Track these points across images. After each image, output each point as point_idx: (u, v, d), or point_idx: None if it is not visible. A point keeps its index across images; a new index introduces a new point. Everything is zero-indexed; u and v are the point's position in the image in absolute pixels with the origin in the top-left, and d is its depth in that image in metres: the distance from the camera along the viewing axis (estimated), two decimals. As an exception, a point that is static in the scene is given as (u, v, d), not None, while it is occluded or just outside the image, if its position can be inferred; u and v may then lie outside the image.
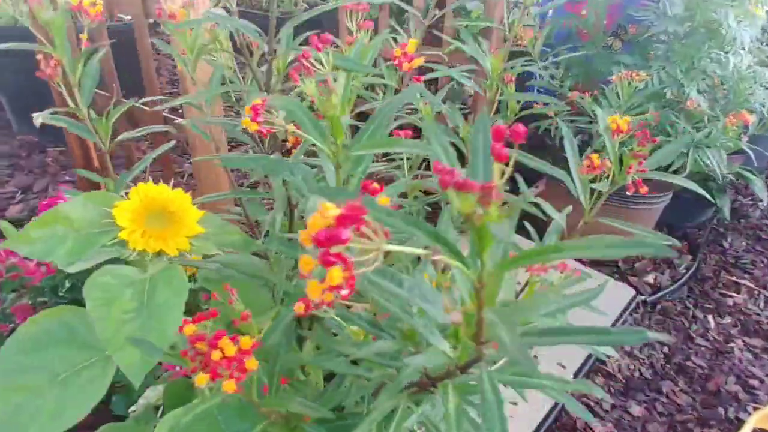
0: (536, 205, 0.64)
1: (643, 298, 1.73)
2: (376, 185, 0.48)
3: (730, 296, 1.83)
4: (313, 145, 0.51)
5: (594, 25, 1.73)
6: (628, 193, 0.64)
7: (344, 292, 0.23)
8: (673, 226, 2.13)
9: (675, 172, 1.69)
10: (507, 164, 0.27)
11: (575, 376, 1.41)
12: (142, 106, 1.03)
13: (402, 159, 0.78)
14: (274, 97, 0.51)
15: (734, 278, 1.91)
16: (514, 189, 1.01)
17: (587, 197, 0.70)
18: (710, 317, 1.73)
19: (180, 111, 1.54)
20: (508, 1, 2.15)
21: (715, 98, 1.74)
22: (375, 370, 0.49)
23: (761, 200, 1.88)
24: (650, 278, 1.83)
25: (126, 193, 0.61)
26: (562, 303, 0.62)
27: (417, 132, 0.86)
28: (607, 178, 0.66)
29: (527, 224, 0.72)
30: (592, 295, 0.64)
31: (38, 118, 0.69)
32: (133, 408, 0.88)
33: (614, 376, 1.48)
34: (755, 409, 1.42)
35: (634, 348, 1.58)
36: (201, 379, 0.35)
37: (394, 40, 0.94)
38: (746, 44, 1.51)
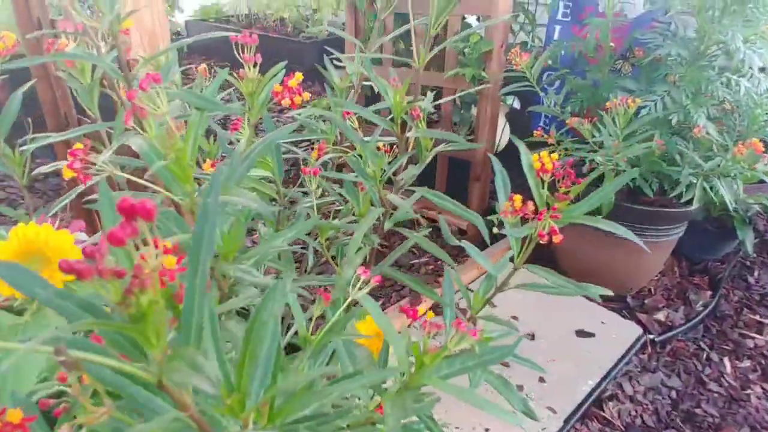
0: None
1: (651, 337, 1.62)
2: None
3: (751, 337, 1.69)
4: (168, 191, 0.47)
5: (598, 48, 1.66)
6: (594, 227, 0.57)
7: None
8: (693, 259, 2.00)
9: (688, 202, 1.58)
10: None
11: (566, 421, 1.32)
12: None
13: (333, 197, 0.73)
14: (131, 136, 0.47)
15: (758, 317, 1.77)
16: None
17: (518, 242, 0.63)
18: (726, 360, 1.60)
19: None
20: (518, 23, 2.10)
21: (733, 125, 1.63)
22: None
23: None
24: (661, 316, 1.71)
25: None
26: (468, 363, 0.56)
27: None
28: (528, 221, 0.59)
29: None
30: (504, 353, 0.58)
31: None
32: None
33: (612, 422, 1.38)
34: (768, 466, 1.30)
35: (638, 392, 1.47)
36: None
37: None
38: (756, 67, 1.40)
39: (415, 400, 0.63)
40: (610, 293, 0.63)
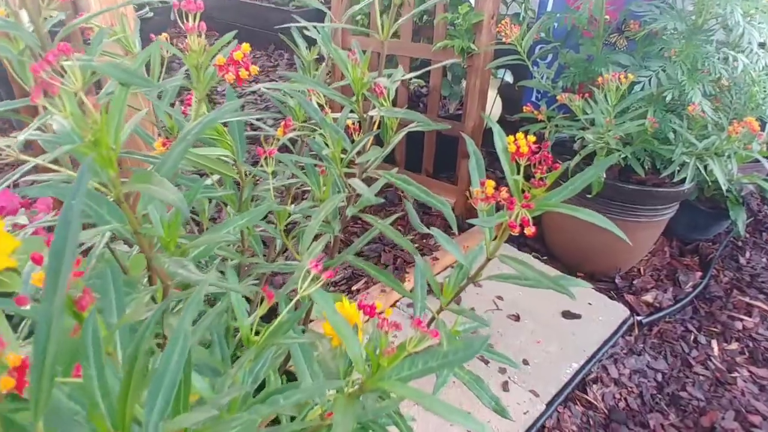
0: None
1: (639, 319, 1.59)
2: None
3: (740, 319, 1.66)
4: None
5: (592, 21, 1.59)
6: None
7: None
8: (684, 238, 1.97)
9: (680, 182, 1.54)
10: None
11: (549, 405, 1.30)
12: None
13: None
14: (53, 115, 0.42)
15: (747, 299, 1.75)
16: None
17: (491, 231, 0.59)
18: (714, 342, 1.58)
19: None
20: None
21: (728, 102, 1.58)
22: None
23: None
24: (650, 297, 1.68)
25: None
26: (431, 363, 0.52)
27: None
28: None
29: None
30: (471, 353, 0.53)
31: None
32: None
33: (595, 405, 1.36)
34: (751, 451, 1.28)
35: (623, 374, 1.45)
36: None
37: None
38: (755, 43, 1.35)
39: (380, 397, 0.59)
40: (589, 286, 0.59)
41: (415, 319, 0.46)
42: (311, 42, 0.88)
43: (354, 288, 1.58)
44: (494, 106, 2.20)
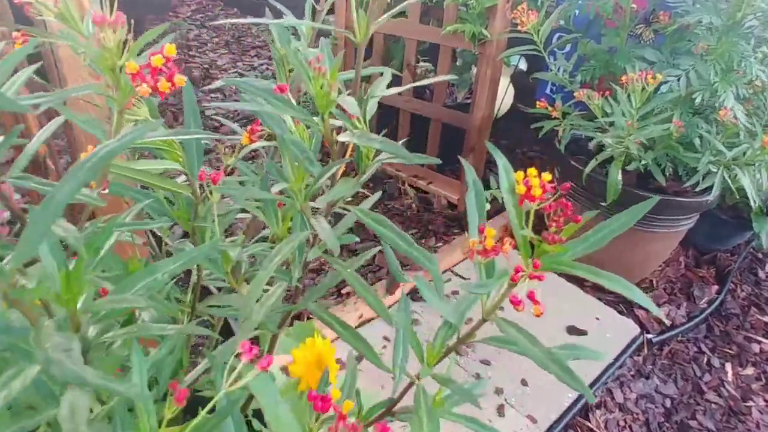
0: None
1: (649, 337, 1.47)
2: None
3: (757, 341, 1.55)
4: None
5: (617, 10, 1.45)
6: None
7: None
8: (702, 248, 1.84)
9: (704, 191, 1.41)
10: None
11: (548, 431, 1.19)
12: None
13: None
14: None
15: (766, 318, 1.63)
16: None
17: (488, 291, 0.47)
18: (728, 366, 1.47)
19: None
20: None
21: (762, 106, 1.44)
22: None
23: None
24: (662, 313, 1.56)
25: None
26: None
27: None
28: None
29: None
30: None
31: None
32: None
33: (597, 434, 1.25)
34: (766, 493, 1.18)
35: (629, 399, 1.34)
36: None
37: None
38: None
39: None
40: (584, 391, 0.47)
41: (378, 425, 0.35)
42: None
43: (344, 291, 1.47)
44: (506, 95, 2.06)
